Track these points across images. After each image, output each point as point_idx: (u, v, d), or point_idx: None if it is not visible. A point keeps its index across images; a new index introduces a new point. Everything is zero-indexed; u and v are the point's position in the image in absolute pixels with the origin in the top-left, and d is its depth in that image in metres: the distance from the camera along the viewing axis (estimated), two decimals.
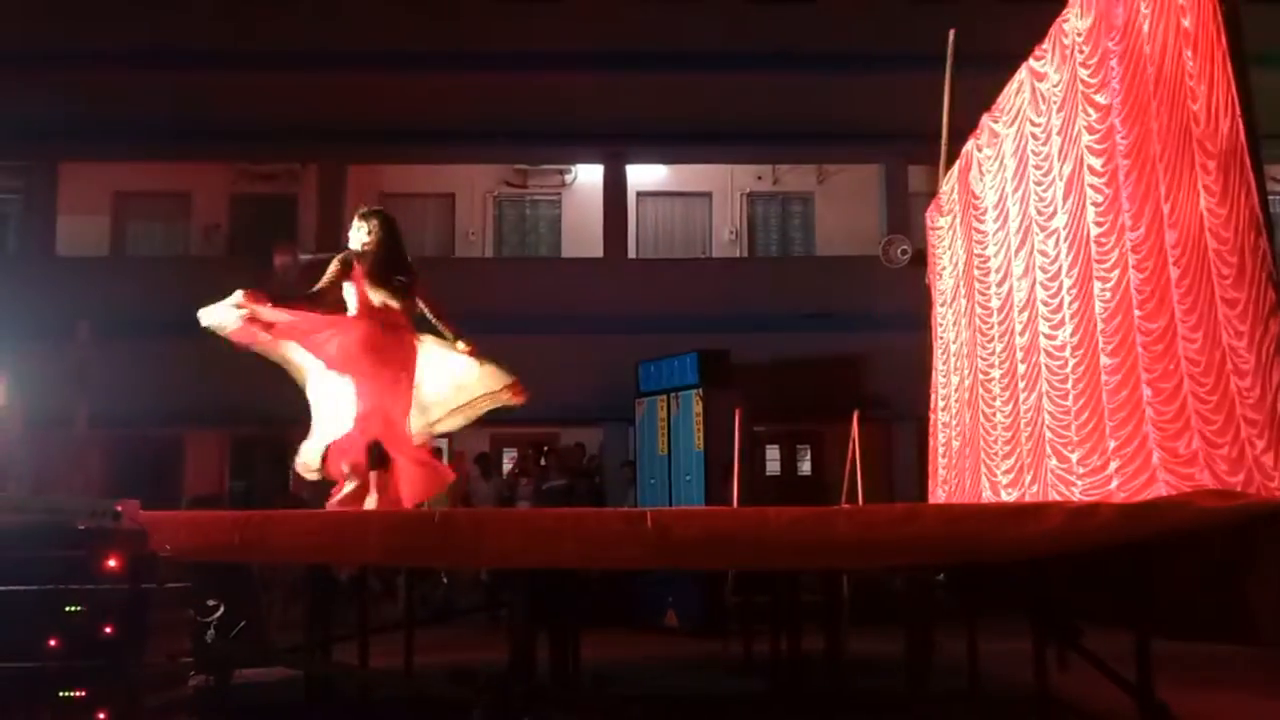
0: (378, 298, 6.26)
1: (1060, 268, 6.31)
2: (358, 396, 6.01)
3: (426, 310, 6.43)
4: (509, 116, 15.04)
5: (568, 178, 16.67)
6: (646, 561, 4.31)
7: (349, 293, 6.28)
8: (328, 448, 5.84)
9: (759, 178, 16.71)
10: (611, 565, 4.30)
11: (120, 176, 16.12)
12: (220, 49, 14.87)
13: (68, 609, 3.15)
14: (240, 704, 5.30)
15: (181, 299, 15.27)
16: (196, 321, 15.52)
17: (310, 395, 6.23)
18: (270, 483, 15.22)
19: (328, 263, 8.02)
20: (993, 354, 7.56)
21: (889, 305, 13.70)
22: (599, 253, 15.45)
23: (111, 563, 3.16)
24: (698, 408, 12.61)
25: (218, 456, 16.39)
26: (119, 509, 3.31)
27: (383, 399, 6.06)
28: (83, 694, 3.16)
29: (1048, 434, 6.57)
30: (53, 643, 3.10)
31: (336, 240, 14.86)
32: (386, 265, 6.31)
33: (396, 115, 15.02)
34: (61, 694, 3.20)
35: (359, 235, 6.40)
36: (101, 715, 3.15)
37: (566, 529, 4.12)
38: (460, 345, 6.44)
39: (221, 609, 4.14)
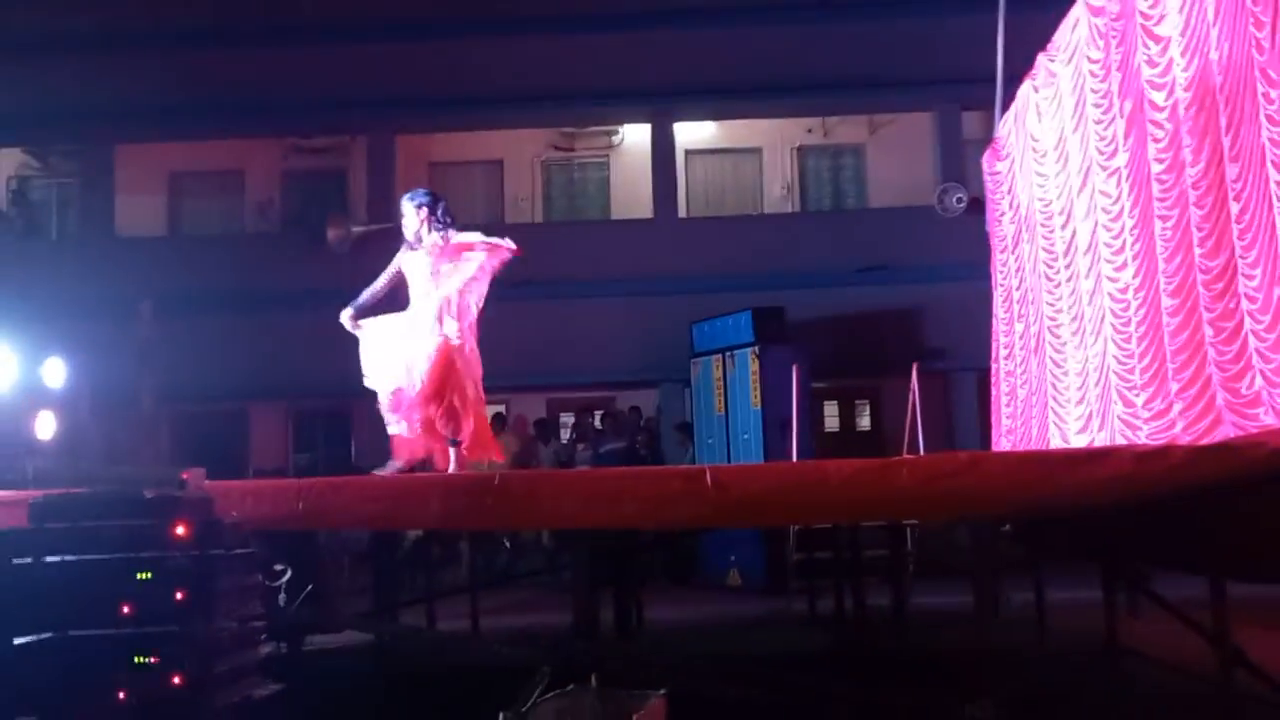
0: None
1: (1122, 208, 6.14)
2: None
3: None
4: (554, 80, 14.94)
5: (615, 139, 16.54)
6: (706, 520, 4.29)
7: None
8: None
9: (809, 131, 16.44)
10: (671, 524, 4.28)
11: (175, 156, 16.31)
12: (267, 26, 14.95)
13: (139, 576, 3.21)
14: (311, 668, 5.39)
15: (238, 275, 15.60)
16: (254, 297, 15.78)
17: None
18: (333, 455, 15.45)
19: (380, 232, 8.04)
20: (1059, 299, 7.40)
21: (945, 255, 13.48)
22: (649, 214, 15.34)
23: (179, 530, 3.21)
24: (754, 366, 12.52)
25: (281, 430, 16.66)
26: (184, 477, 3.36)
27: None
28: (156, 659, 3.23)
29: (1113, 379, 6.43)
30: (125, 609, 3.17)
31: (387, 211, 14.93)
32: None
33: (442, 84, 15.00)
34: (136, 659, 3.28)
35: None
36: (175, 679, 3.22)
37: (625, 488, 4.10)
38: None
39: (290, 573, 4.19)
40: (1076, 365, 7.13)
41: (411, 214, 6.68)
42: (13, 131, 15.55)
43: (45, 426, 11.43)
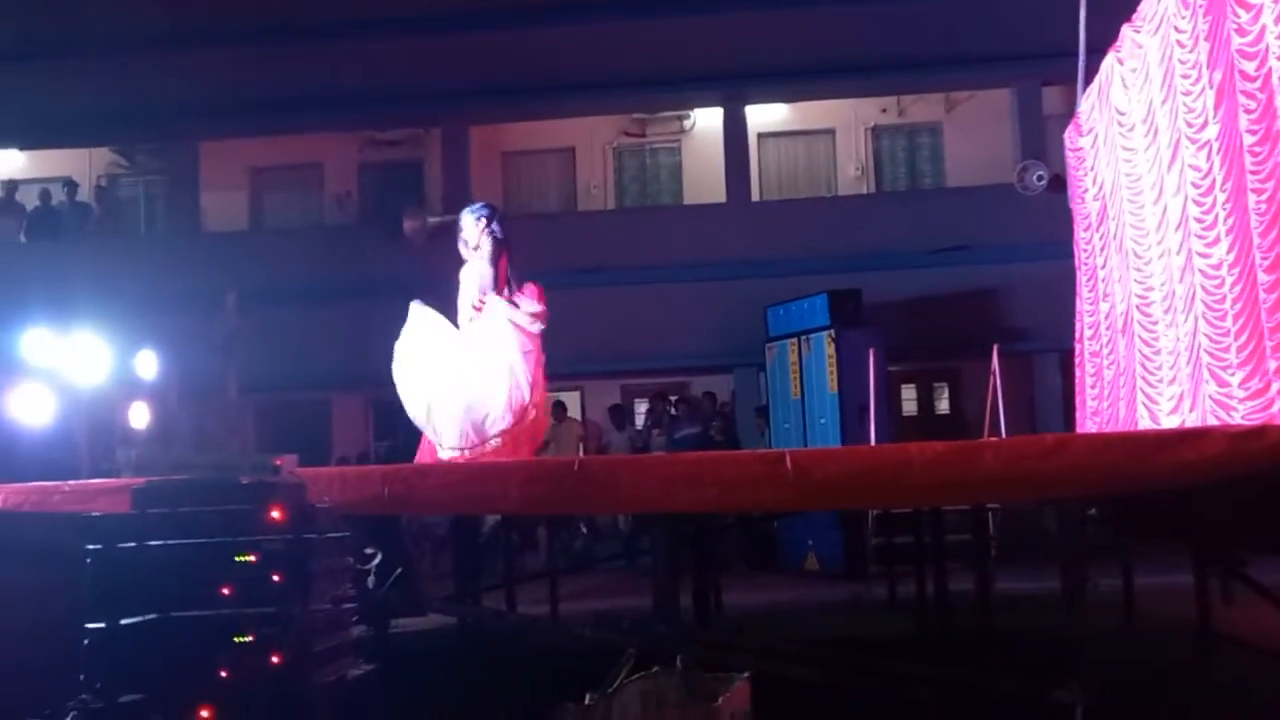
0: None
1: (1214, 182, 5.95)
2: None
3: None
4: (625, 65, 14.93)
5: (686, 124, 16.48)
6: (787, 503, 4.28)
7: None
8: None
9: (883, 110, 16.21)
10: (751, 508, 4.27)
11: (255, 152, 16.67)
12: (343, 22, 15.17)
13: (237, 559, 3.31)
14: (399, 649, 5.51)
15: (318, 267, 15.91)
16: (334, 288, 16.06)
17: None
18: (412, 442, 15.70)
19: (454, 223, 8.22)
20: (1150, 276, 7.20)
21: (1025, 234, 13.20)
22: (722, 198, 15.27)
23: (275, 514, 3.31)
24: (830, 349, 12.42)
25: (362, 418, 16.98)
26: (278, 463, 3.46)
27: None
28: (254, 639, 3.34)
29: (1206, 358, 6.24)
30: (225, 591, 3.27)
31: (463, 201, 15.09)
32: None
33: (514, 73, 15.08)
34: (236, 639, 3.39)
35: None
36: (274, 658, 3.32)
37: (705, 473, 4.11)
38: None
39: (379, 556, 4.29)
40: (1168, 344, 6.93)
41: (470, 225, 6.80)
42: (101, 131, 16.05)
43: (139, 416, 11.84)
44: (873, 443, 10.75)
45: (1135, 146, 7.31)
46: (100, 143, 16.60)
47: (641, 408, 16.29)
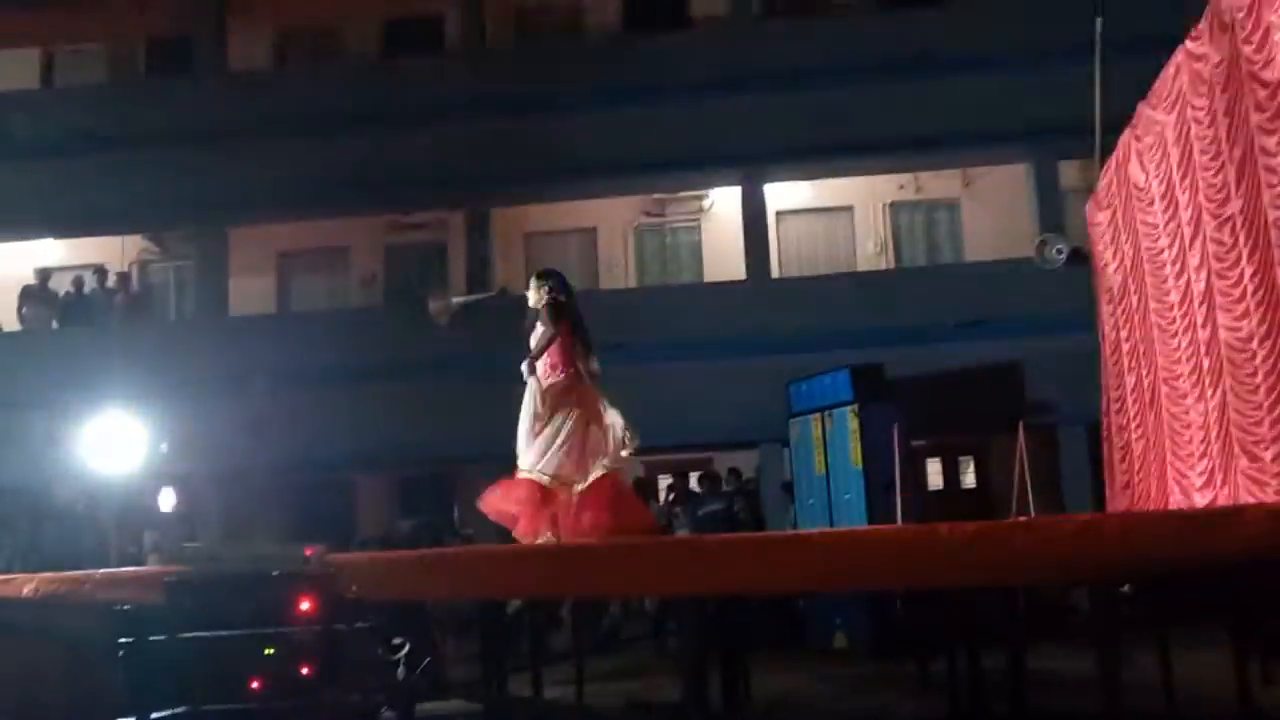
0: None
1: (1239, 255, 5.95)
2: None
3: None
4: (644, 149, 15.17)
5: (705, 203, 16.68)
6: (815, 584, 4.24)
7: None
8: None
9: (901, 187, 16.35)
10: (781, 589, 4.24)
11: (283, 236, 16.97)
12: (369, 110, 15.56)
13: (266, 651, 3.30)
14: None
15: (345, 349, 16.10)
16: (360, 369, 16.23)
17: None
18: (437, 520, 15.68)
19: (480, 303, 8.36)
20: (1177, 349, 7.17)
21: (1047, 308, 13.20)
22: (742, 275, 15.37)
23: (304, 605, 3.31)
24: (853, 425, 12.34)
25: (385, 497, 16.99)
26: (308, 554, 3.46)
27: None
28: None
29: (1236, 432, 6.18)
30: (255, 684, 3.26)
31: (485, 280, 15.30)
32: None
33: (535, 158, 15.33)
34: None
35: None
36: None
37: (732, 554, 4.09)
38: None
39: (407, 646, 4.26)
40: (1197, 418, 6.88)
41: (532, 289, 7.13)
42: (134, 219, 16.41)
43: (167, 500, 11.94)
44: (899, 519, 10.71)
45: (1156, 221, 7.35)
46: (133, 230, 16.99)
47: (664, 483, 16.23)
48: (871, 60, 14.85)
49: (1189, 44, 6.34)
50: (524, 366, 6.77)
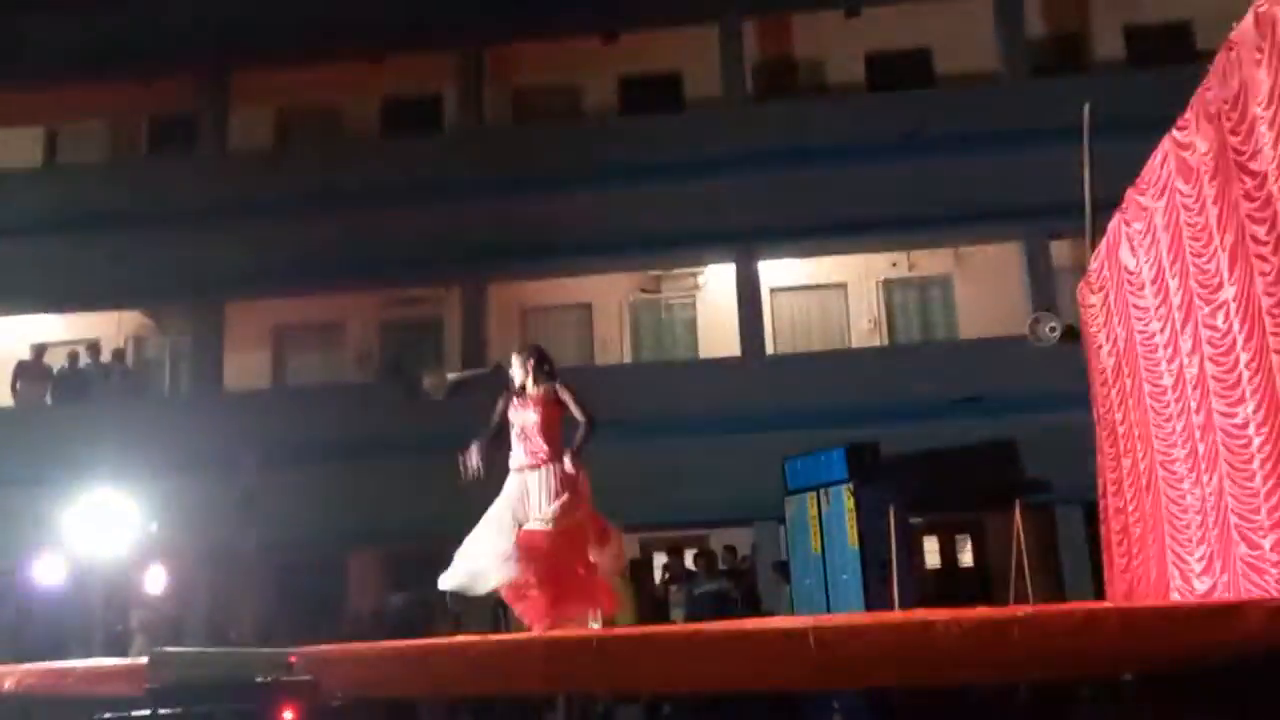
0: None
1: (1234, 341, 5.95)
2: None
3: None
4: (639, 226, 15.33)
5: (700, 280, 16.79)
6: (811, 681, 4.17)
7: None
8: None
9: (894, 264, 16.47)
10: (776, 686, 4.18)
11: (279, 312, 17.01)
12: (367, 188, 15.73)
13: None
14: None
15: (338, 425, 16.04)
16: (353, 445, 16.13)
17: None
18: (427, 595, 15.49)
19: (475, 378, 8.31)
20: (1173, 433, 7.15)
21: (1041, 385, 13.19)
22: (736, 351, 15.41)
23: (287, 715, 3.25)
24: (849, 503, 12.31)
25: (377, 573, 16.80)
26: (292, 660, 3.41)
27: None
28: None
29: (1234, 519, 6.14)
30: None
31: (480, 356, 15.32)
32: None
33: (531, 235, 15.48)
34: None
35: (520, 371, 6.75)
36: None
37: (728, 649, 4.03)
38: None
39: None
40: (1195, 503, 6.84)
41: (519, 365, 6.87)
42: (130, 295, 16.47)
43: (156, 580, 11.79)
44: (895, 601, 10.60)
45: (1147, 305, 7.38)
46: (130, 306, 17.03)
47: (659, 560, 16.08)
48: (863, 140, 15.09)
49: (1176, 133, 6.43)
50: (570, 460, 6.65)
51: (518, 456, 6.80)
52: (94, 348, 16.62)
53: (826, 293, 16.73)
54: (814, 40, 16.97)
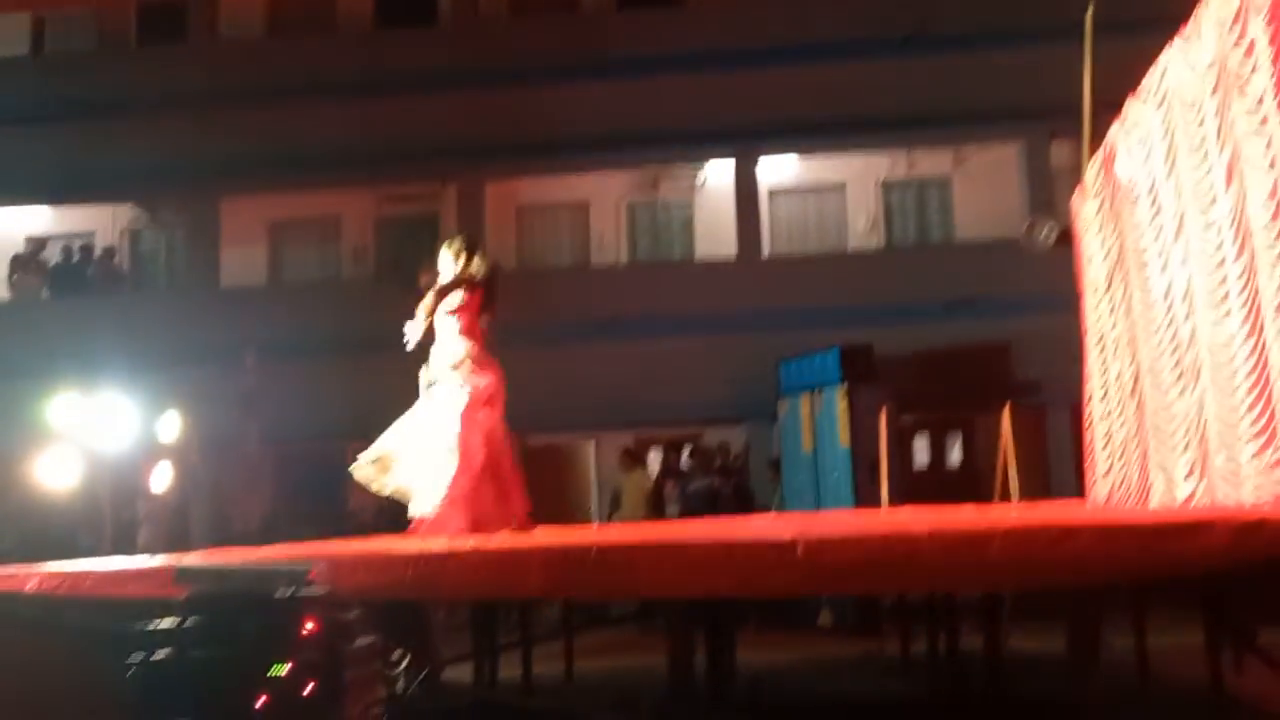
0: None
1: (1224, 257, 6.00)
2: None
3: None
4: (638, 122, 15.21)
5: (698, 179, 16.68)
6: (798, 589, 4.38)
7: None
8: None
9: (893, 165, 16.40)
10: (764, 594, 4.38)
11: (274, 207, 16.94)
12: (360, 80, 15.51)
13: (273, 671, 3.40)
14: None
15: (335, 321, 16.16)
16: (351, 340, 16.26)
17: None
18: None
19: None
20: (1161, 343, 7.25)
21: (1036, 288, 13.25)
22: (733, 253, 15.44)
23: (309, 626, 3.42)
24: (842, 404, 12.50)
25: None
26: (312, 575, 3.57)
27: None
28: None
29: (1215, 427, 6.30)
30: (260, 703, 3.36)
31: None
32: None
33: (528, 129, 15.36)
34: None
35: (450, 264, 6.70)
36: None
37: (718, 561, 4.21)
38: None
39: (407, 659, 4.38)
40: (1180, 412, 6.99)
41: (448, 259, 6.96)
42: (125, 187, 16.37)
43: (161, 478, 12.02)
44: (884, 500, 10.88)
45: (1140, 218, 7.40)
46: (125, 199, 16.92)
47: (655, 457, 16.37)
48: (865, 37, 14.89)
49: (1178, 43, 6.37)
50: None
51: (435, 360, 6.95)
52: (87, 245, 16.59)
53: (825, 194, 16.66)
54: None
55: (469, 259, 6.62)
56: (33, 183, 16.07)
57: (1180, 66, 6.47)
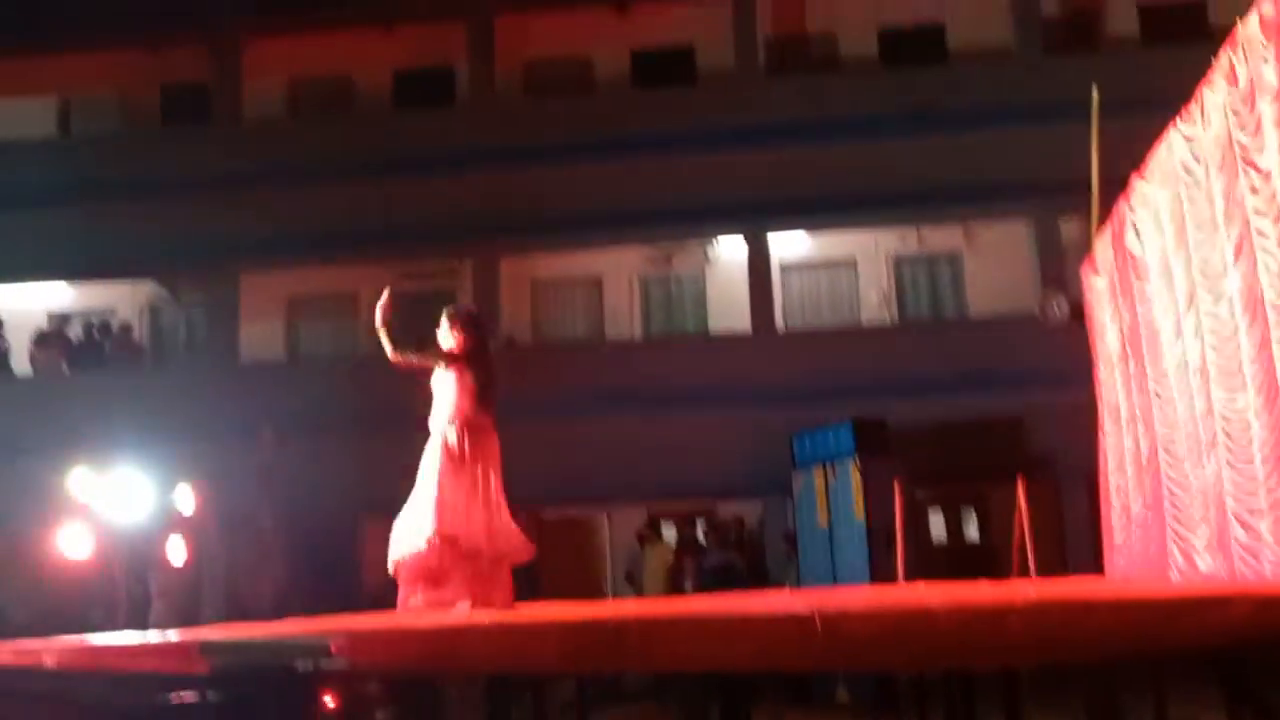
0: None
1: (1236, 329, 6.06)
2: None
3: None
4: (650, 199, 15.42)
5: (711, 254, 16.86)
6: (817, 663, 4.35)
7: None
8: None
9: (904, 240, 16.55)
10: (782, 667, 4.36)
11: (293, 283, 17.16)
12: (380, 159, 15.83)
13: None
14: None
15: (352, 397, 16.25)
16: (367, 416, 16.34)
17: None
18: None
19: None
20: (1176, 417, 7.28)
21: (1049, 362, 13.30)
22: (746, 326, 15.53)
23: (329, 702, 3.42)
24: (856, 478, 12.48)
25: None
26: (331, 647, 3.57)
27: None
28: None
29: (1230, 502, 6.28)
30: None
31: (491, 330, 15.47)
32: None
33: (543, 206, 15.60)
34: None
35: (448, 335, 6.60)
36: None
37: (736, 633, 4.19)
38: None
39: None
40: (1196, 484, 6.98)
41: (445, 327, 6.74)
42: (146, 265, 16.63)
43: (176, 552, 12.03)
44: (901, 575, 10.79)
45: (1151, 292, 7.48)
46: (145, 276, 17.18)
47: (668, 532, 16.29)
48: (874, 115, 15.13)
49: (1181, 124, 6.49)
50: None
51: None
52: (105, 322, 16.81)
53: (836, 268, 16.81)
54: (827, 14, 16.97)
55: (455, 330, 6.66)
56: (56, 260, 16.35)
57: (1184, 145, 6.59)
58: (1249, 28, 5.33)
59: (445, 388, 6.64)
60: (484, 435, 6.66)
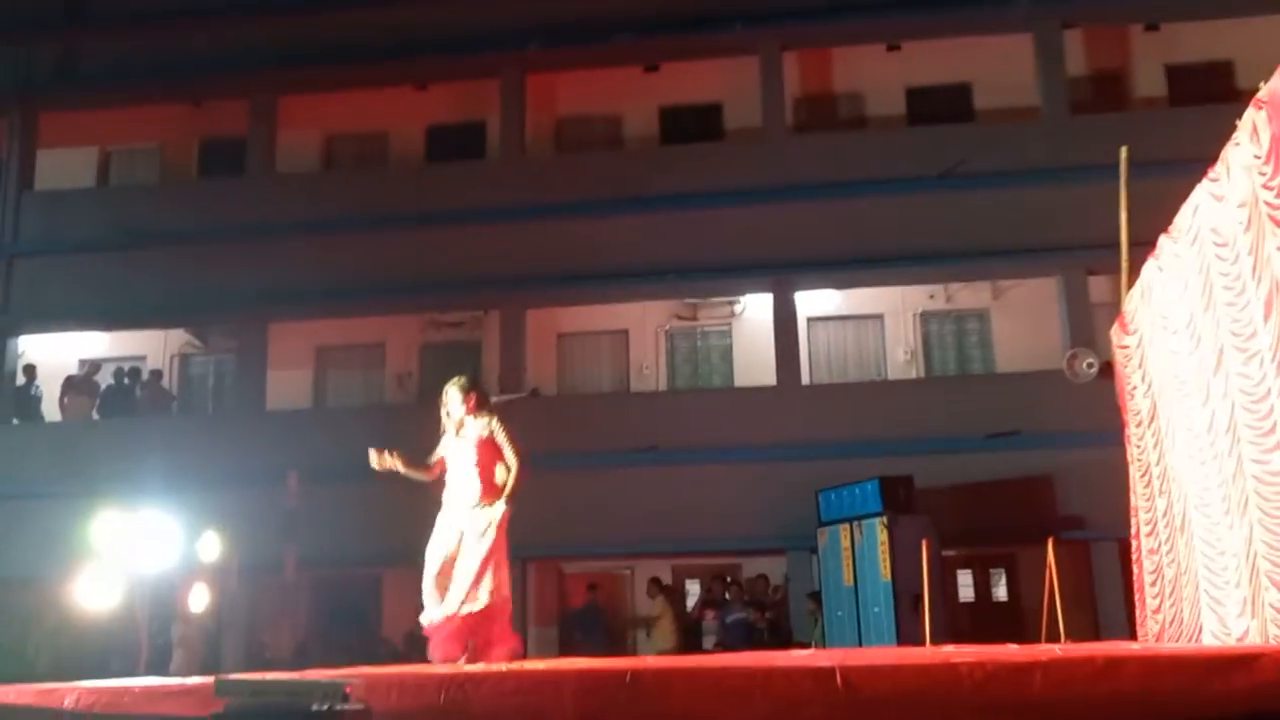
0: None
1: (1268, 390, 5.99)
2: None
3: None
4: (677, 254, 15.50)
5: (737, 308, 16.89)
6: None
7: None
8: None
9: (931, 296, 16.51)
10: None
11: (321, 332, 17.32)
12: (411, 212, 16.04)
13: None
14: None
15: (377, 444, 16.23)
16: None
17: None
18: None
19: (511, 403, 8.31)
20: (1206, 477, 7.19)
21: (1078, 421, 13.20)
22: (772, 380, 15.50)
23: None
24: (882, 536, 12.36)
25: (411, 592, 16.97)
26: (348, 690, 3.56)
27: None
28: None
29: (1263, 564, 6.17)
30: None
31: (518, 381, 15.54)
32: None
33: (570, 260, 15.70)
34: None
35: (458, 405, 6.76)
36: None
37: (756, 688, 4.14)
38: None
39: None
40: (1232, 545, 6.86)
41: (456, 399, 6.80)
42: (178, 312, 16.85)
43: (199, 599, 12.05)
44: (926, 636, 10.62)
45: (1180, 350, 7.42)
46: (177, 324, 17.39)
47: (693, 587, 16.18)
48: (901, 173, 15.18)
49: (1208, 184, 6.48)
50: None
51: (452, 493, 6.78)
52: (135, 369, 17.01)
53: (863, 324, 16.79)
54: (854, 73, 17.12)
55: (468, 399, 6.71)
56: (90, 308, 16.59)
57: (1211, 205, 6.57)
58: (1272, 88, 5.34)
59: (477, 457, 6.70)
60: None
